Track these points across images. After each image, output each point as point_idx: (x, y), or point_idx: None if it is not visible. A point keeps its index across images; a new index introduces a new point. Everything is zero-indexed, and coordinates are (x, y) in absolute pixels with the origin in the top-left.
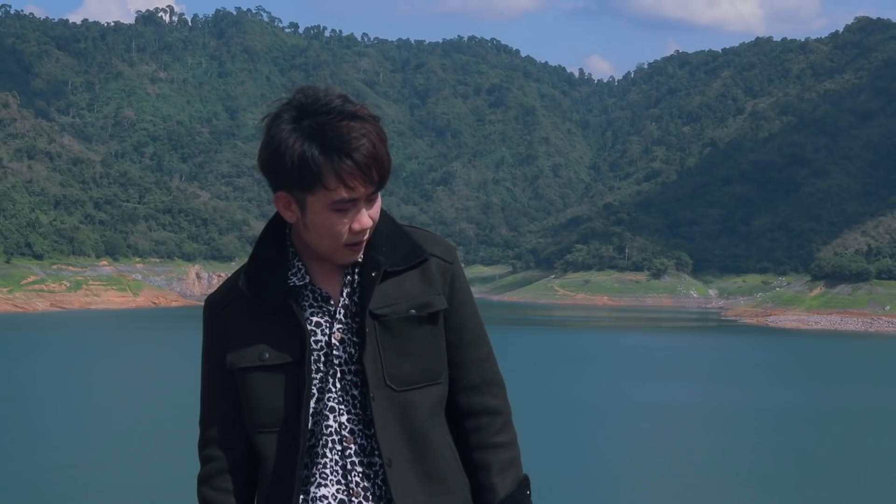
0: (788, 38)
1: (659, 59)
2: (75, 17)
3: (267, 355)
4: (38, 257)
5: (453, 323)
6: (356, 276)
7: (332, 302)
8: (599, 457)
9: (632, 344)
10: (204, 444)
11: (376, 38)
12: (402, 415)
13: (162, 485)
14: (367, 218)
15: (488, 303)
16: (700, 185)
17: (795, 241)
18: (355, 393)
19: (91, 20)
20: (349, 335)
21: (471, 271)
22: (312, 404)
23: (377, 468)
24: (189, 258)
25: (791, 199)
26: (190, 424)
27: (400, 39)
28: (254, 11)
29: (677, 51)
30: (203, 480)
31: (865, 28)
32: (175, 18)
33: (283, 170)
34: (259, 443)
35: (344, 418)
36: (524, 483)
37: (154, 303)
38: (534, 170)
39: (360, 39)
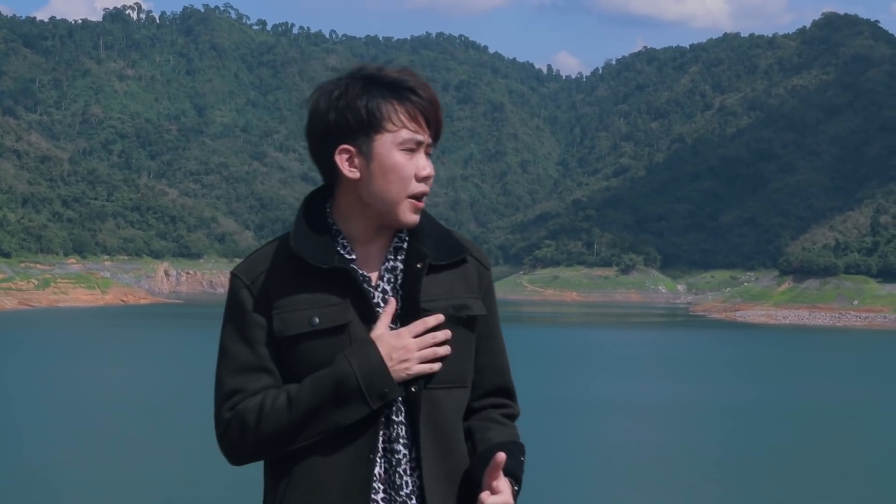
0: (756, 34)
1: (627, 55)
2: (42, 15)
3: (317, 320)
4: (6, 255)
5: (483, 330)
6: (398, 263)
7: (372, 285)
8: (568, 455)
9: (600, 340)
10: (231, 406)
11: (344, 35)
12: (428, 411)
13: (132, 483)
14: (431, 166)
15: None
16: (668, 181)
17: (763, 236)
18: None
19: (58, 18)
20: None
21: None
22: None
23: (399, 457)
24: (157, 255)
25: (759, 195)
26: (158, 421)
27: (368, 36)
28: (221, 9)
29: (645, 47)
30: (246, 409)
31: (832, 23)
32: (143, 16)
33: (343, 118)
34: None
35: None
36: (521, 445)
37: (122, 300)
38: (502, 166)
39: (328, 36)
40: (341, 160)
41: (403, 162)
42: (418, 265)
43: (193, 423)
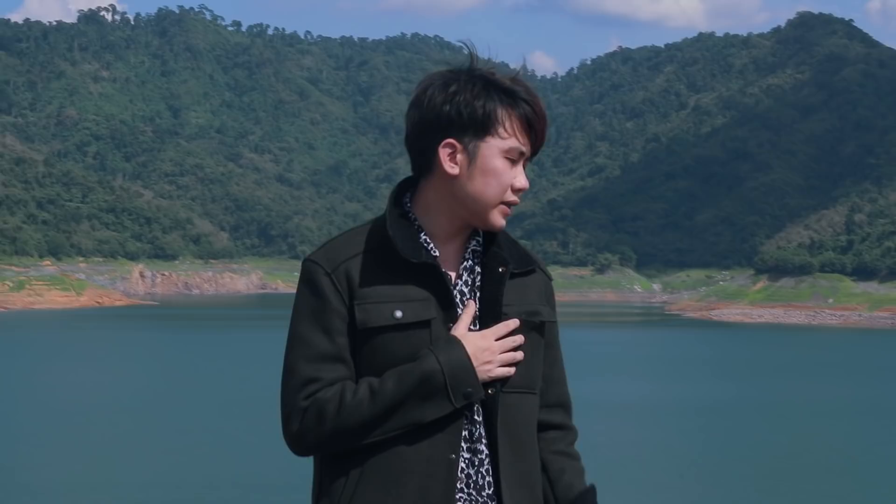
0: (731, 34)
1: (602, 54)
2: (17, 17)
3: (399, 314)
4: None
5: (547, 338)
6: (476, 265)
7: (451, 284)
8: None
9: (576, 339)
10: (308, 394)
11: (319, 36)
12: (505, 414)
13: (108, 485)
14: (526, 179)
15: None
16: (643, 181)
17: (738, 235)
18: None
19: (33, 19)
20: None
21: None
22: None
23: (482, 456)
24: (132, 257)
25: (734, 194)
26: (134, 423)
27: (343, 37)
28: (196, 10)
29: (620, 47)
30: (325, 399)
31: (807, 23)
32: (117, 17)
33: (458, 112)
34: None
35: None
36: (594, 489)
37: (98, 302)
38: None
39: (303, 37)
40: (444, 154)
41: (504, 169)
42: (500, 269)
43: (170, 425)
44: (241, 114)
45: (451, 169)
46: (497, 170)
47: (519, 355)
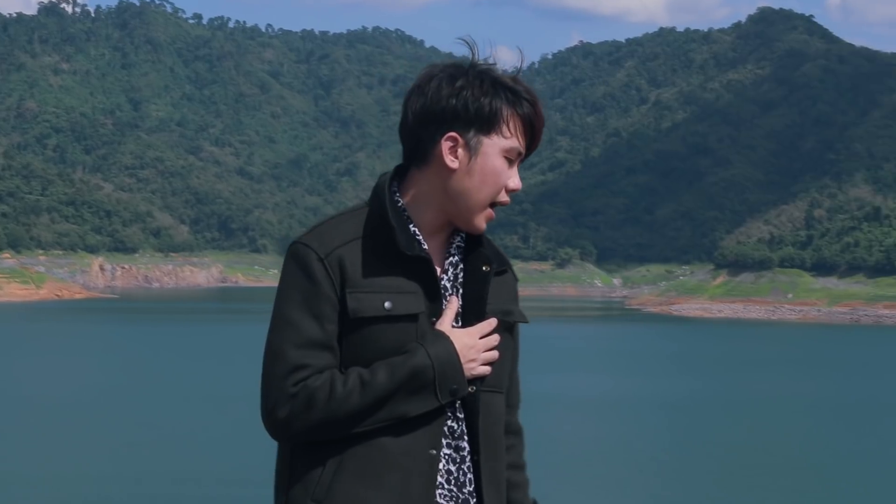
0: (691, 29)
1: (563, 49)
2: None
3: (388, 304)
4: None
5: (515, 339)
6: (458, 262)
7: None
8: None
9: (536, 334)
10: (297, 381)
11: (280, 29)
12: (484, 412)
13: (66, 479)
14: (520, 180)
15: None
16: (604, 175)
17: (699, 230)
18: None
19: None
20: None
21: None
22: None
23: (464, 453)
24: (92, 250)
25: (694, 189)
26: (94, 417)
27: (304, 30)
28: (157, 2)
29: (581, 41)
30: (315, 387)
31: (767, 18)
32: (78, 10)
33: (464, 107)
34: None
35: None
36: None
37: (57, 295)
38: None
39: (264, 30)
40: (445, 146)
41: (502, 168)
42: (484, 268)
43: (129, 419)
44: (202, 107)
45: (451, 163)
46: (496, 169)
47: (496, 354)
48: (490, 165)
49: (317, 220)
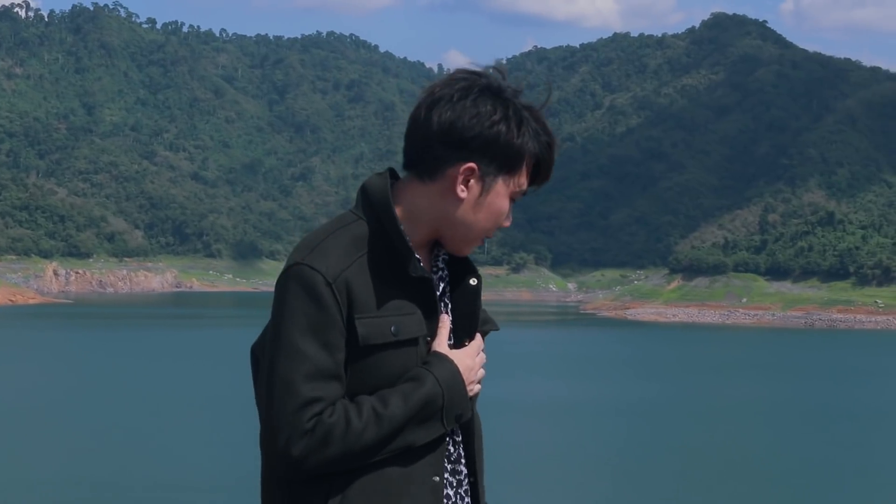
0: (645, 34)
1: (517, 54)
2: None
3: (393, 329)
4: None
5: None
6: (445, 276)
7: None
8: None
9: (491, 338)
10: (312, 415)
11: (234, 34)
12: (477, 433)
13: (18, 484)
14: (511, 217)
15: None
16: (558, 180)
17: (653, 234)
18: None
19: None
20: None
21: None
22: None
23: (461, 477)
24: (46, 255)
25: (649, 194)
26: (47, 422)
27: (258, 35)
28: (111, 7)
29: (535, 46)
30: (332, 422)
31: (721, 24)
32: (31, 14)
33: (493, 142)
34: None
35: None
36: None
37: (11, 300)
38: (394, 165)
39: (218, 35)
40: (462, 176)
41: (505, 209)
42: (472, 281)
43: (83, 424)
44: (156, 111)
45: (462, 192)
46: (501, 209)
47: (484, 372)
48: (497, 205)
49: (311, 236)
